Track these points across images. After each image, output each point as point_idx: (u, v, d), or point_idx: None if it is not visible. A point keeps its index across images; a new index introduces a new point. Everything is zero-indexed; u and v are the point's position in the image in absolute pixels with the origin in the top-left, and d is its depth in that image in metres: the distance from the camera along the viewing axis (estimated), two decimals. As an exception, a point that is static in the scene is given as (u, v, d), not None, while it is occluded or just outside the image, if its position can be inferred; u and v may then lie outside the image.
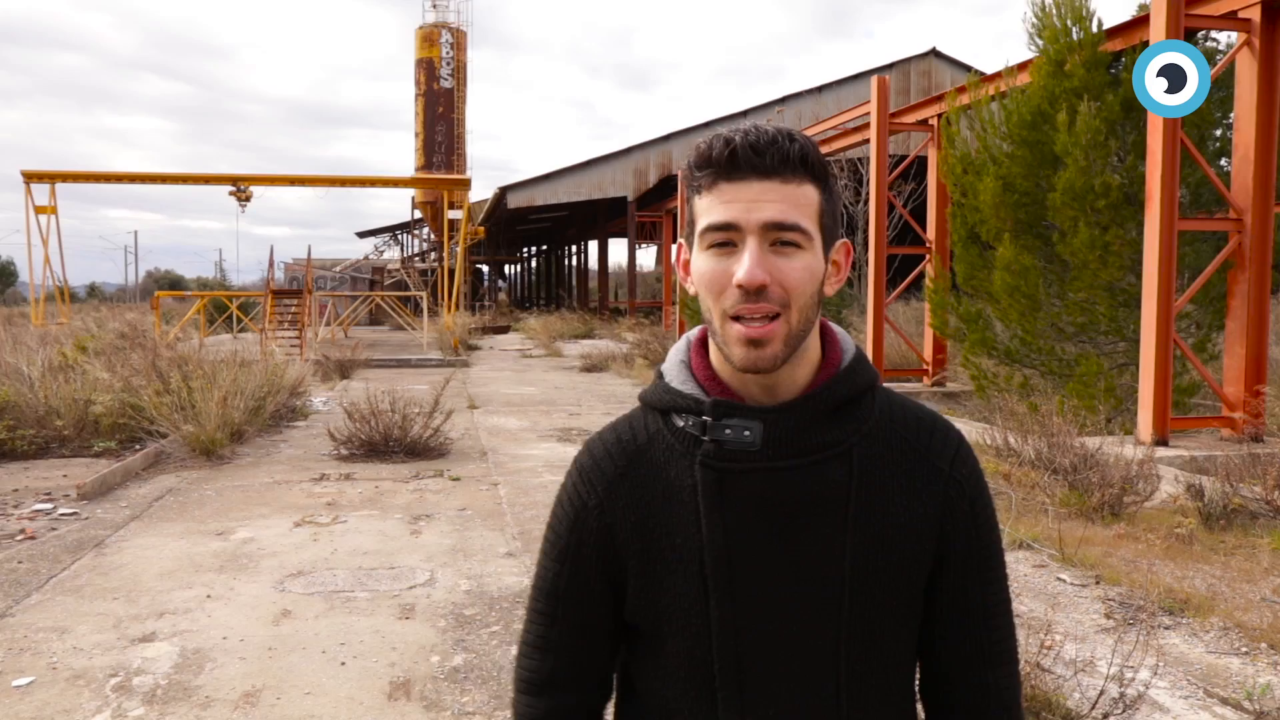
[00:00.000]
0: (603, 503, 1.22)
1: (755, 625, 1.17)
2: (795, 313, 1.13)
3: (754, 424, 1.16)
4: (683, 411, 1.20)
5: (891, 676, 1.22)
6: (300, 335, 22.92)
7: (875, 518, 1.18)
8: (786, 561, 1.17)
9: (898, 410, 1.25)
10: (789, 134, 1.15)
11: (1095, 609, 5.14)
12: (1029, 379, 11.46)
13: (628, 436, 1.25)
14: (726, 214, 1.12)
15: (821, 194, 1.16)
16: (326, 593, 5.42)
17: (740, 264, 1.11)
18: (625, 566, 1.22)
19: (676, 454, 1.20)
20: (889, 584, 1.18)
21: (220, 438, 9.74)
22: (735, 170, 1.13)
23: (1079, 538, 6.29)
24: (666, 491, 1.20)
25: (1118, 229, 9.75)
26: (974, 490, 1.24)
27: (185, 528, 6.92)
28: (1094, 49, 10.10)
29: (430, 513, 7.41)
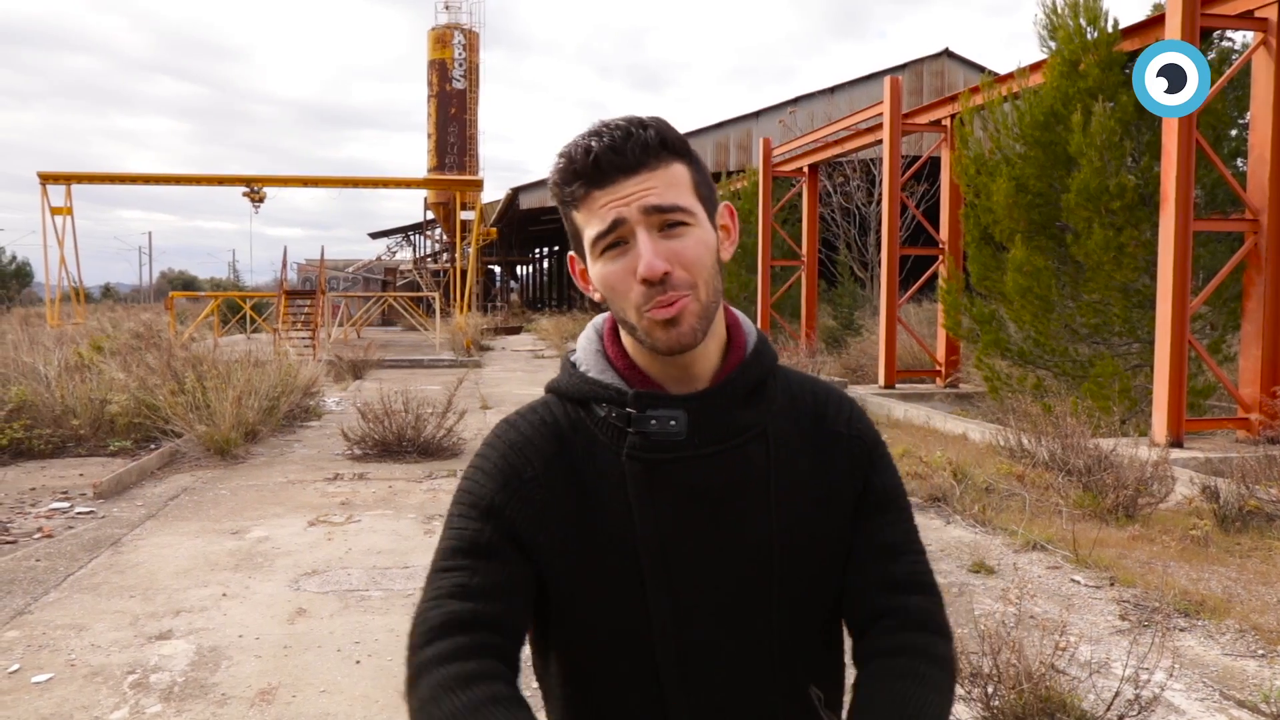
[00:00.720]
0: (539, 475, 1.19)
1: (692, 604, 1.19)
2: (702, 287, 1.15)
3: (678, 413, 1.17)
4: (604, 402, 1.20)
5: (817, 637, 1.27)
6: (313, 335, 23.01)
7: (795, 491, 1.23)
8: (717, 544, 1.19)
9: (795, 386, 1.30)
10: (640, 122, 1.16)
11: (1110, 610, 5.13)
12: (1042, 380, 11.42)
13: (550, 420, 1.23)
14: (610, 216, 1.14)
15: (691, 168, 1.18)
16: (341, 592, 5.44)
17: (639, 258, 1.13)
18: (546, 551, 1.18)
19: (601, 445, 1.20)
20: (812, 553, 1.23)
21: (235, 437, 9.79)
22: (602, 175, 1.14)
23: (1093, 539, 6.27)
24: (594, 481, 1.19)
25: (1132, 230, 9.71)
26: (872, 443, 1.31)
27: (200, 527, 6.96)
28: (1109, 49, 10.07)
29: (444, 512, 7.42)
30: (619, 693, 1.21)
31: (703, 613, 1.19)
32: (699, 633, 1.20)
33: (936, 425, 11.71)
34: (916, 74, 33.46)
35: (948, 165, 15.04)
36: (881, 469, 1.30)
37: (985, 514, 7.07)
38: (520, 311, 50.34)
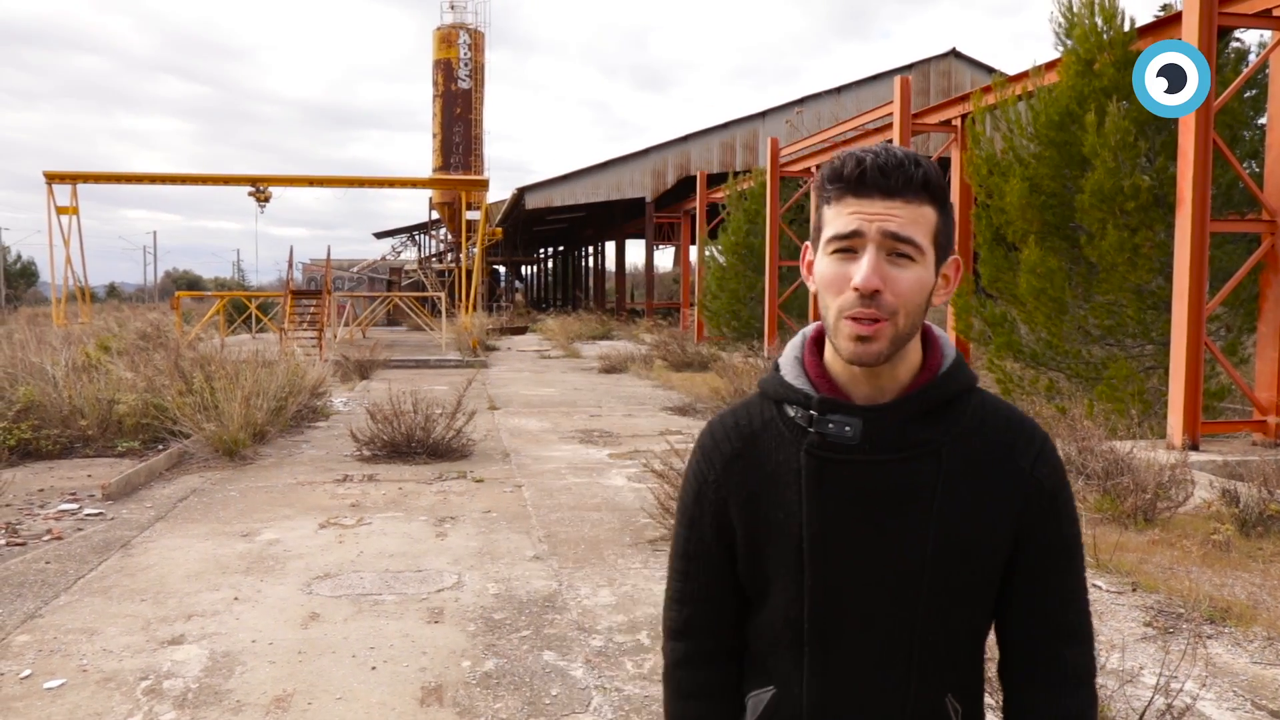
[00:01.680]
0: (720, 478, 1.40)
1: (842, 595, 1.32)
2: (903, 317, 1.27)
3: (854, 420, 1.30)
4: (793, 403, 1.36)
5: (959, 651, 1.36)
6: (319, 335, 22.97)
7: (958, 512, 1.31)
8: (874, 544, 1.31)
9: (990, 412, 1.37)
10: (915, 159, 1.27)
11: (1134, 617, 5.05)
12: (1055, 382, 11.34)
13: (744, 421, 1.42)
14: (851, 224, 1.26)
15: (939, 215, 1.29)
16: (354, 595, 5.38)
17: (859, 270, 1.25)
18: (736, 533, 1.39)
19: (786, 440, 1.36)
20: (965, 572, 1.32)
21: (243, 438, 9.74)
22: (863, 187, 1.26)
23: (1113, 544, 6.19)
24: (775, 472, 1.36)
25: (1147, 231, 9.63)
26: (1054, 487, 1.36)
27: (210, 529, 6.90)
28: (1124, 48, 9.99)
29: (455, 515, 7.38)
30: (772, 656, 1.40)
31: (851, 604, 1.32)
32: (844, 621, 1.33)
33: (948, 427, 11.63)
34: (924, 74, 33.37)
35: (958, 166, 14.96)
36: (1060, 516, 1.36)
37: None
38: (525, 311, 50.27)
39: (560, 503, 7.78)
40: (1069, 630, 1.36)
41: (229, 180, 32.12)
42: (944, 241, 1.31)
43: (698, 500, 1.44)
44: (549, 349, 27.72)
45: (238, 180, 31.69)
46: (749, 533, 1.38)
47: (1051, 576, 1.36)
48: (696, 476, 1.45)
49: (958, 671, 1.37)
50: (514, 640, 4.68)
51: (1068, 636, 1.36)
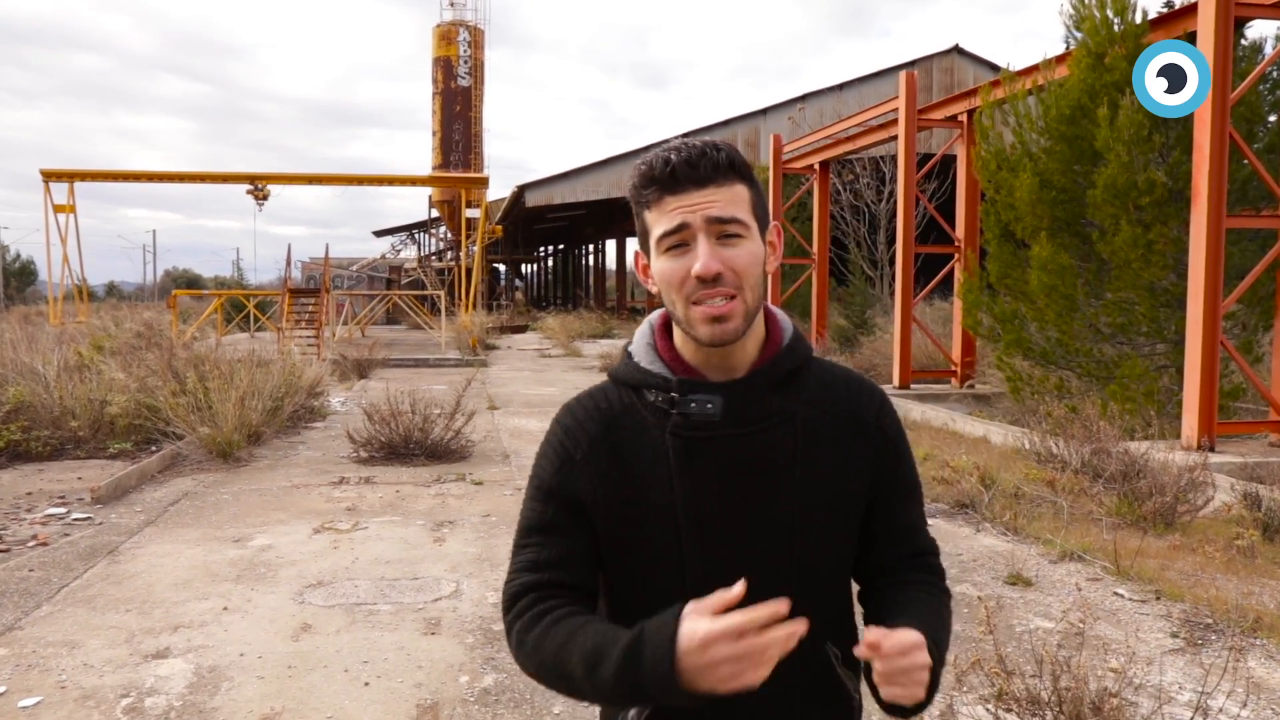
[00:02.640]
0: (586, 456, 1.40)
1: (720, 565, 1.34)
2: (748, 291, 1.33)
3: (715, 397, 1.36)
4: (653, 388, 1.39)
5: (833, 599, 1.46)
6: (318, 334, 22.76)
7: (817, 472, 1.39)
8: (745, 511, 1.36)
9: (829, 376, 1.47)
10: (714, 145, 1.35)
11: (1159, 627, 4.85)
12: (1065, 381, 11.13)
13: (604, 405, 1.44)
14: (676, 219, 1.32)
15: (750, 190, 1.36)
16: (348, 605, 5.18)
17: (697, 258, 1.30)
18: (600, 515, 1.39)
19: (649, 425, 1.38)
20: (831, 525, 1.41)
21: (237, 439, 9.54)
22: (676, 184, 1.32)
23: (1133, 549, 5.99)
24: (641, 455, 1.38)
25: (1161, 226, 9.42)
26: (896, 435, 1.49)
27: (201, 534, 6.70)
28: (1137, 40, 9.77)
29: (453, 519, 7.17)
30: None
31: (730, 571, 1.30)
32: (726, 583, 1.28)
33: (956, 427, 11.43)
34: (926, 70, 33.14)
35: (964, 161, 14.75)
36: (903, 460, 1.50)
37: (1016, 522, 6.79)
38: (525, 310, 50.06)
39: (561, 506, 7.58)
40: (926, 548, 1.52)
41: (227, 178, 31.92)
42: (761, 213, 1.38)
43: (559, 476, 1.42)
44: (549, 348, 27.52)
45: (236, 178, 31.48)
46: (618, 515, 1.39)
47: (905, 510, 1.50)
48: (559, 453, 1.43)
49: (833, 619, 1.45)
50: (514, 653, 4.48)
51: (926, 551, 1.52)
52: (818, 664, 1.41)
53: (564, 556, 1.39)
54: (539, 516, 1.43)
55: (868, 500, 1.46)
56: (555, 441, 1.45)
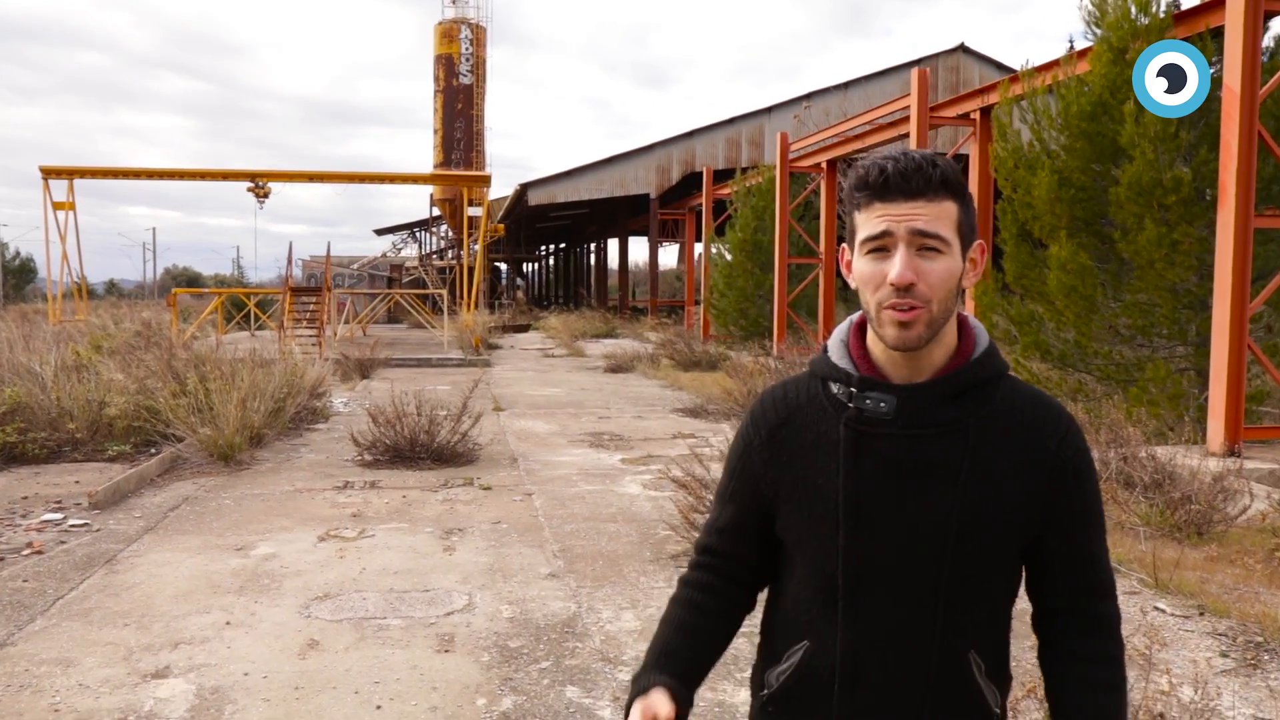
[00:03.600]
0: (764, 442, 1.56)
1: (873, 554, 1.44)
2: (936, 304, 1.39)
3: (889, 398, 1.43)
4: (837, 381, 1.49)
5: (981, 610, 1.48)
6: (319, 333, 22.53)
7: (983, 486, 1.43)
8: (904, 510, 1.43)
9: (1019, 396, 1.49)
10: (932, 160, 1.40)
11: (1206, 645, 4.63)
12: (1083, 384, 10.91)
13: (793, 394, 1.57)
14: (881, 226, 1.39)
15: (960, 207, 1.42)
16: (356, 619, 4.95)
17: (893, 266, 1.38)
18: (776, 492, 1.55)
19: (828, 414, 1.49)
20: (987, 539, 1.44)
21: (239, 442, 9.31)
22: (888, 192, 1.39)
23: (1171, 561, 5.77)
24: (817, 441, 1.49)
25: (1186, 226, 9.19)
26: (1078, 465, 1.48)
27: (202, 541, 6.48)
28: (1161, 35, 9.53)
29: (463, 526, 6.95)
30: (806, 608, 1.52)
31: (882, 562, 1.44)
32: (875, 577, 1.45)
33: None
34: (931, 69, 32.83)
35: (977, 160, 14.53)
36: (1086, 491, 1.50)
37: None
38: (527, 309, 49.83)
39: (574, 513, 7.36)
40: (1097, 587, 1.52)
41: (227, 175, 31.67)
42: (966, 231, 1.44)
43: (741, 459, 1.60)
44: (552, 347, 27.29)
45: (236, 175, 31.24)
46: (789, 492, 1.52)
47: (1081, 543, 1.50)
48: (743, 439, 1.61)
49: (980, 629, 1.49)
50: (533, 673, 4.26)
51: (1097, 593, 1.51)
52: (957, 671, 1.47)
53: (733, 526, 1.62)
54: (726, 489, 1.65)
55: (1040, 526, 1.48)
56: (743, 428, 1.63)
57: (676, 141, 34.37)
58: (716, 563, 1.66)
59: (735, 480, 1.63)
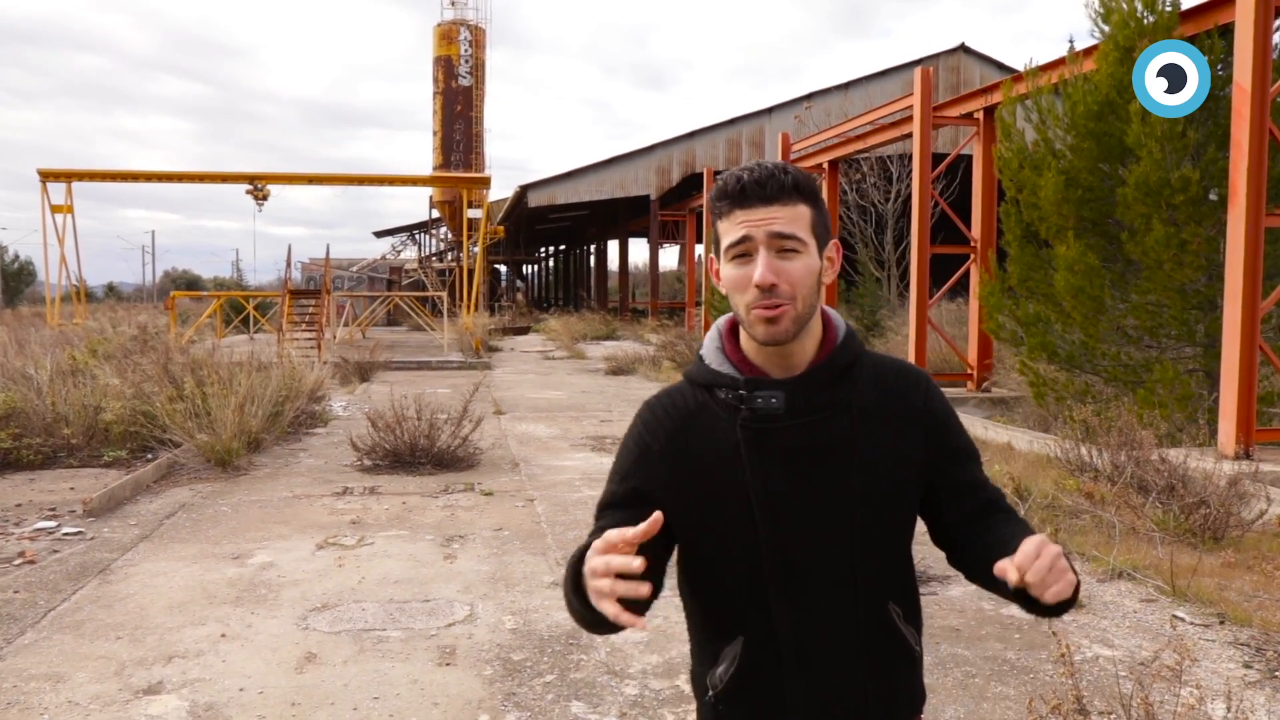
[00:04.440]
0: (664, 449, 1.57)
1: (791, 540, 1.53)
2: (800, 300, 1.48)
3: (778, 393, 1.51)
4: (723, 387, 1.55)
5: (890, 564, 1.61)
6: (318, 336, 22.40)
7: (874, 454, 1.55)
8: (810, 492, 1.53)
9: (879, 367, 1.63)
10: (784, 168, 1.50)
11: (1229, 656, 4.51)
12: (1090, 385, 10.79)
13: (680, 403, 1.61)
14: (741, 232, 1.49)
15: (812, 210, 1.52)
16: (355, 631, 4.83)
17: (756, 269, 1.47)
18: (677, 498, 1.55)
19: (721, 419, 1.55)
20: (889, 500, 1.57)
21: (237, 447, 9.19)
22: (746, 200, 1.49)
23: (1187, 567, 5.64)
24: (715, 448, 1.54)
25: (1195, 226, 9.07)
26: (945, 412, 1.65)
27: (199, 550, 6.35)
28: (1168, 34, 9.42)
29: (464, 533, 6.83)
30: (732, 605, 1.57)
31: (800, 541, 1.53)
32: (797, 555, 1.54)
33: (978, 433, 11.08)
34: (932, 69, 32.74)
35: (980, 160, 14.41)
36: (954, 431, 1.66)
37: (1058, 536, 6.44)
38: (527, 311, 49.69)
39: (576, 519, 7.23)
40: (992, 497, 1.66)
41: (226, 178, 31.56)
42: (821, 231, 1.53)
43: (638, 463, 1.59)
44: (553, 350, 27.17)
45: (235, 178, 31.12)
46: (692, 499, 1.55)
47: (966, 473, 1.66)
48: (639, 444, 1.61)
49: (893, 580, 1.61)
50: (537, 687, 4.13)
51: (993, 501, 1.66)
52: (882, 625, 1.59)
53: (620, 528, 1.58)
54: (611, 496, 1.62)
55: (927, 475, 1.62)
56: (637, 434, 1.62)
57: (677, 143, 34.26)
58: None
59: (627, 485, 1.60)
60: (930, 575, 5.74)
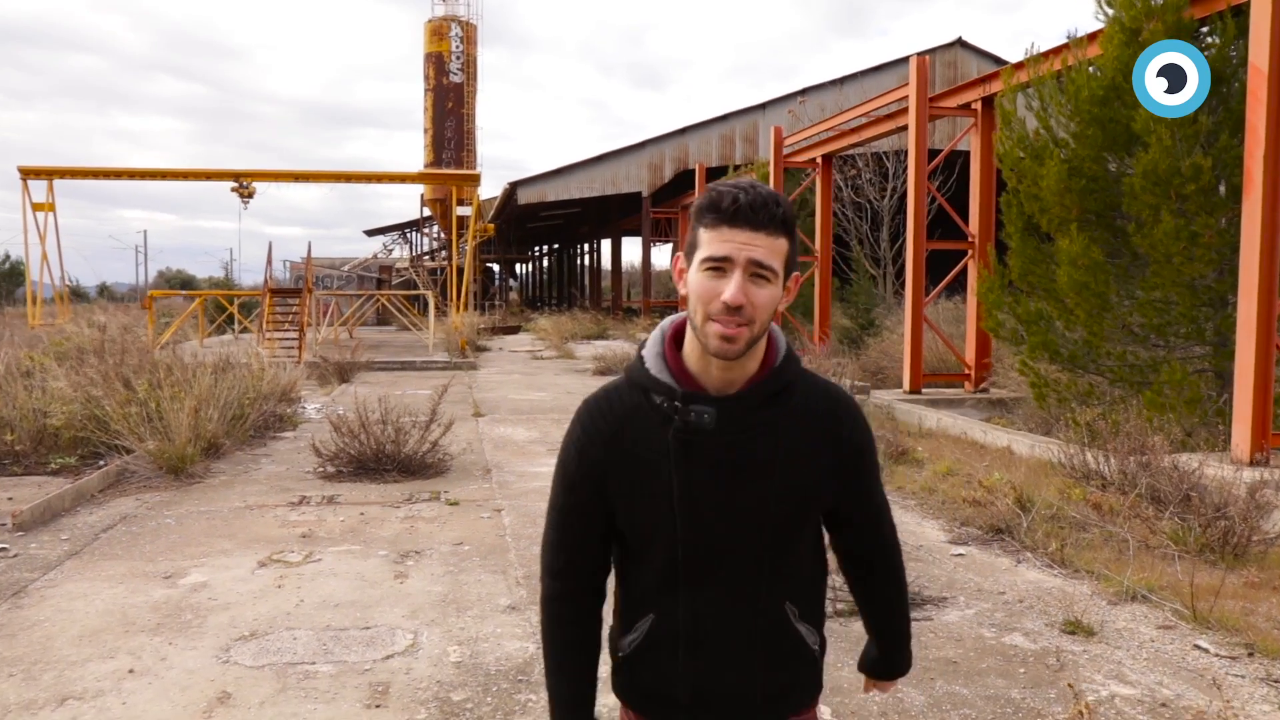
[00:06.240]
0: (601, 453, 1.70)
1: (707, 540, 1.68)
2: (758, 324, 1.60)
3: (711, 410, 1.62)
4: (660, 394, 1.65)
5: (794, 568, 1.77)
6: (300, 336, 21.85)
7: (793, 472, 1.69)
8: (729, 501, 1.67)
9: (813, 389, 1.75)
10: (776, 199, 1.59)
11: (1263, 696, 3.99)
12: (1094, 386, 10.28)
13: (618, 404, 1.72)
14: (724, 250, 1.56)
15: (789, 244, 1.62)
16: (280, 665, 4.30)
17: (728, 288, 1.55)
18: (615, 495, 1.70)
19: (654, 423, 1.66)
20: (799, 514, 1.72)
21: (191, 453, 8.66)
22: (736, 220, 1.56)
23: (1208, 588, 5.14)
24: (648, 449, 1.67)
25: (1207, 217, 8.56)
26: (865, 443, 1.80)
27: (129, 568, 5.82)
28: (1177, 14, 8.91)
29: (421, 548, 6.30)
30: (650, 585, 1.74)
31: (714, 543, 1.68)
32: (709, 555, 1.69)
33: (975, 436, 10.57)
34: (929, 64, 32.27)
35: (978, 152, 13.90)
36: (870, 460, 1.82)
37: (1063, 552, 5.93)
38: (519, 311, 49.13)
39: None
40: (885, 527, 1.88)
41: (211, 175, 30.96)
42: (790, 264, 1.63)
43: (579, 467, 1.71)
44: (542, 349, 26.63)
45: (220, 175, 30.51)
46: (630, 496, 1.69)
47: (869, 501, 1.84)
48: (578, 447, 1.72)
49: (793, 583, 1.76)
50: (474, 737, 3.61)
51: (886, 533, 1.89)
52: (778, 621, 1.75)
53: (581, 539, 1.75)
54: (563, 499, 1.75)
55: (839, 496, 1.77)
56: (576, 437, 1.73)
57: (669, 138, 33.72)
58: (575, 585, 1.78)
59: (576, 492, 1.73)
60: (925, 597, 5.22)
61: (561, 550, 1.76)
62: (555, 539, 1.77)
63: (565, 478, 1.74)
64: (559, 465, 1.76)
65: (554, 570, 1.78)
